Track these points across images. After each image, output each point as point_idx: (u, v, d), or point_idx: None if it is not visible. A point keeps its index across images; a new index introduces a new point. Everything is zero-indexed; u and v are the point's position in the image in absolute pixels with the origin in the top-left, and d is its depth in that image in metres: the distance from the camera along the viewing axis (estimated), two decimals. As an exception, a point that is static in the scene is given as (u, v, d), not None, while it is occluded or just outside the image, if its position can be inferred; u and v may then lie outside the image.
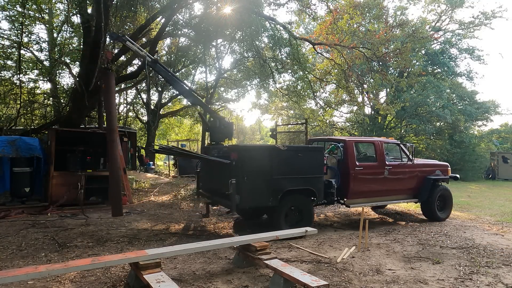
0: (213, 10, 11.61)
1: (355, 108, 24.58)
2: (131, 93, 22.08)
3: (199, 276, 4.27)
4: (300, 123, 17.07)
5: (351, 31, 13.68)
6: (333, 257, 5.07)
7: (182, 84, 8.77)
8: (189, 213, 8.41)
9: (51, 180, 8.30)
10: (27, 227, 6.54)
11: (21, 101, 11.70)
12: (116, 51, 11.33)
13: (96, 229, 6.52)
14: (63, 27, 13.67)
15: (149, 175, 16.19)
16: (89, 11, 10.72)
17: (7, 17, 11.48)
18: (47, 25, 13.41)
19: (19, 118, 12.14)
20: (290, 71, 15.02)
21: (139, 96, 21.90)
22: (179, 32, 14.15)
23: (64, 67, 12.34)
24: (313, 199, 6.52)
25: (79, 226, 6.75)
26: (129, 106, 23.41)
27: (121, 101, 22.64)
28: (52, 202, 8.17)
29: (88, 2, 10.46)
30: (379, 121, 23.35)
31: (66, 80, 20.17)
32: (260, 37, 12.83)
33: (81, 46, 11.73)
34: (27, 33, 11.69)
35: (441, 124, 22.74)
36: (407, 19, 20.59)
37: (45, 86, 14.63)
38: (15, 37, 11.73)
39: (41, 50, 12.89)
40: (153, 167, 19.02)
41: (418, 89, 21.12)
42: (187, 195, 10.94)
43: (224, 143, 7.78)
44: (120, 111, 22.43)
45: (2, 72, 12.15)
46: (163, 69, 8.31)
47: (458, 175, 9.18)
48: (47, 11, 13.69)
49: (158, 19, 12.68)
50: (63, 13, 13.79)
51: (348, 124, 25.42)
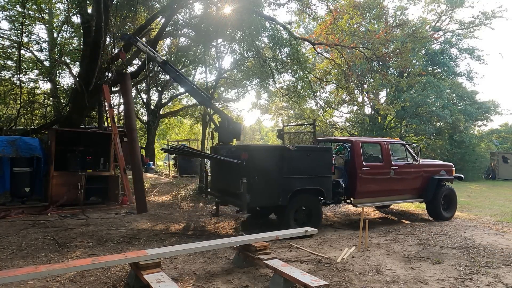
0: (213, 10, 11.60)
1: (355, 108, 24.57)
2: (131, 93, 22.05)
3: (199, 276, 4.27)
4: (308, 123, 17.03)
5: (351, 31, 13.67)
6: (333, 257, 5.07)
7: (190, 84, 8.92)
8: (189, 213, 8.41)
9: (51, 180, 8.30)
10: (27, 227, 6.54)
11: (21, 101, 11.70)
12: (116, 51, 11.32)
13: (96, 229, 6.52)
14: (63, 27, 13.67)
15: (149, 175, 16.20)
16: (89, 11, 10.72)
17: (7, 17, 11.49)
18: (47, 25, 13.41)
19: (19, 118, 12.14)
20: (290, 71, 14.99)
21: (139, 96, 21.89)
22: (179, 32, 14.15)
23: (64, 67, 12.34)
24: (321, 198, 6.61)
25: (79, 226, 6.75)
26: (129, 106, 23.37)
27: (121, 101, 22.63)
28: (52, 202, 8.18)
29: (88, 2, 10.45)
30: (379, 121, 23.34)
31: (66, 80, 20.16)
32: (260, 37, 12.81)
33: (81, 46, 11.73)
34: (27, 33, 11.69)
35: (441, 124, 22.73)
36: (407, 19, 20.58)
37: (45, 86, 14.64)
38: (15, 37, 11.73)
39: (41, 50, 12.91)
40: (153, 167, 19.04)
41: (418, 89, 21.11)
42: (187, 195, 10.94)
43: (232, 143, 7.85)
44: (120, 111, 22.43)
45: (2, 72, 12.16)
46: (173, 69, 8.52)
47: (462, 175, 9.28)
48: (47, 11, 13.69)
49: (158, 19, 12.67)
50: (63, 13, 13.80)
51: (348, 124, 25.40)
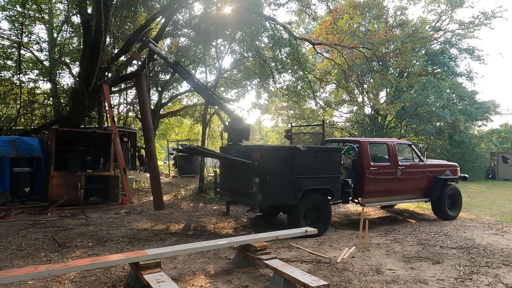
0: (213, 10, 11.59)
1: (355, 108, 24.56)
2: (131, 93, 22.05)
3: (199, 276, 4.27)
4: (317, 124, 17.01)
5: (351, 31, 13.66)
6: (333, 257, 5.07)
7: (201, 84, 9.00)
8: (189, 213, 8.42)
9: (51, 180, 8.30)
10: (27, 227, 6.54)
11: (21, 101, 11.70)
12: (116, 51, 11.33)
13: (96, 229, 6.52)
14: (63, 27, 13.66)
15: (149, 175, 16.18)
16: (89, 11, 10.72)
17: (7, 17, 11.49)
18: (47, 25, 13.40)
19: (19, 118, 12.14)
20: (290, 71, 14.98)
21: (139, 96, 21.88)
22: (179, 32, 14.13)
23: (64, 67, 12.33)
24: (329, 198, 6.71)
25: (79, 226, 6.75)
26: (129, 106, 23.40)
27: (121, 101, 22.64)
28: (52, 202, 8.17)
29: (88, 2, 10.45)
30: (379, 121, 23.34)
31: (66, 80, 20.13)
32: (260, 37, 12.80)
33: (81, 46, 11.72)
34: (27, 33, 11.69)
35: (441, 124, 22.73)
36: (407, 19, 20.57)
37: (45, 86, 14.63)
38: (15, 37, 11.73)
39: (41, 50, 12.90)
40: (153, 167, 18.98)
41: (418, 89, 21.10)
42: (187, 195, 10.95)
43: (242, 143, 7.89)
44: (120, 111, 22.44)
45: (2, 72, 12.15)
46: (184, 70, 8.63)
47: (467, 175, 9.38)
48: (47, 11, 13.68)
49: (158, 19, 12.65)
50: (63, 13, 13.79)
51: (348, 124, 25.40)
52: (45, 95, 13.90)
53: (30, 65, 12.55)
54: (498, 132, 31.43)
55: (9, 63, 12.18)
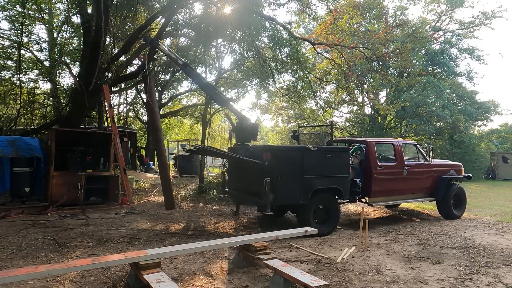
0: (213, 10, 11.58)
1: (355, 108, 24.56)
2: (131, 93, 22.08)
3: (199, 276, 4.27)
4: (325, 125, 16.98)
5: (351, 31, 13.66)
6: (333, 257, 5.07)
7: (209, 85, 9.05)
8: (189, 213, 8.41)
9: (51, 180, 8.29)
10: (27, 227, 6.54)
11: (21, 101, 11.70)
12: (116, 51, 11.33)
13: (96, 229, 6.52)
14: (63, 27, 13.68)
15: (149, 175, 16.19)
16: (89, 11, 10.72)
17: (7, 17, 11.49)
18: (47, 25, 13.41)
19: (19, 118, 12.14)
20: (290, 71, 14.98)
21: (139, 96, 21.89)
22: (179, 32, 14.13)
23: (64, 67, 12.34)
24: (337, 197, 6.78)
25: (79, 226, 6.75)
26: (129, 106, 23.42)
27: (121, 101, 22.66)
28: (52, 202, 8.17)
29: (88, 2, 10.45)
30: (379, 121, 23.34)
31: (66, 80, 20.19)
32: (260, 37, 12.80)
33: (81, 46, 11.73)
34: (27, 33, 11.70)
35: (441, 124, 22.74)
36: (407, 19, 20.58)
37: (45, 86, 14.65)
38: (15, 37, 11.74)
39: (41, 50, 12.91)
40: (153, 167, 19.01)
41: (418, 89, 21.11)
42: (187, 195, 10.95)
43: (250, 143, 7.93)
44: (120, 111, 22.46)
45: (2, 72, 12.15)
46: (193, 71, 8.68)
47: (471, 175, 9.49)
48: (47, 11, 13.69)
49: (158, 19, 12.66)
50: (63, 13, 13.80)
51: (348, 124, 25.40)
52: (45, 95, 13.91)
53: (30, 65, 12.55)
54: (498, 132, 31.45)
55: (9, 63, 12.19)
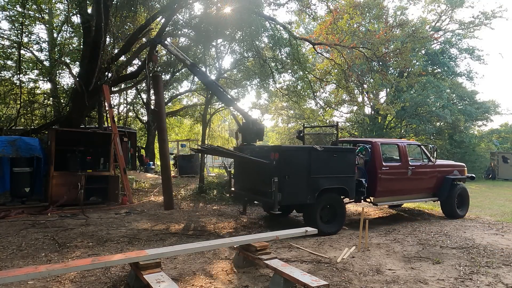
0: (213, 10, 11.58)
1: (355, 108, 24.58)
2: (131, 93, 22.09)
3: (199, 276, 4.27)
4: (330, 125, 16.99)
5: (351, 31, 13.67)
6: (333, 257, 5.07)
7: (216, 85, 9.08)
8: (189, 213, 8.41)
9: (51, 180, 8.29)
10: (27, 227, 6.54)
11: (21, 101, 11.70)
12: (116, 51, 11.33)
13: (96, 229, 6.52)
14: (63, 27, 13.68)
15: (149, 175, 16.18)
16: (89, 11, 10.72)
17: (7, 17, 11.50)
18: (47, 25, 13.41)
19: (19, 118, 12.14)
20: (290, 71, 14.98)
21: (139, 96, 21.91)
22: (179, 32, 14.12)
23: (64, 67, 12.35)
24: (343, 197, 6.85)
25: (79, 226, 6.75)
26: (129, 106, 23.43)
27: (121, 101, 22.66)
28: (52, 202, 8.17)
29: (88, 2, 10.46)
30: (379, 121, 23.35)
31: (66, 80, 20.15)
32: (260, 37, 12.80)
33: (81, 46, 11.73)
34: (27, 33, 11.71)
35: (441, 124, 22.75)
36: (407, 19, 20.60)
37: (45, 86, 14.65)
38: (15, 37, 11.74)
39: (41, 50, 12.92)
40: (153, 167, 19.01)
41: (418, 89, 21.12)
42: (187, 195, 10.94)
43: (256, 143, 7.96)
44: (120, 111, 22.47)
45: (2, 72, 12.16)
46: (200, 72, 8.62)
47: (474, 175, 9.57)
48: (47, 11, 13.69)
49: (158, 19, 12.65)
50: (63, 13, 13.81)
51: (348, 124, 25.41)
52: (45, 95, 13.91)
53: (30, 65, 12.56)
54: (498, 132, 31.46)
55: (9, 63, 12.20)
